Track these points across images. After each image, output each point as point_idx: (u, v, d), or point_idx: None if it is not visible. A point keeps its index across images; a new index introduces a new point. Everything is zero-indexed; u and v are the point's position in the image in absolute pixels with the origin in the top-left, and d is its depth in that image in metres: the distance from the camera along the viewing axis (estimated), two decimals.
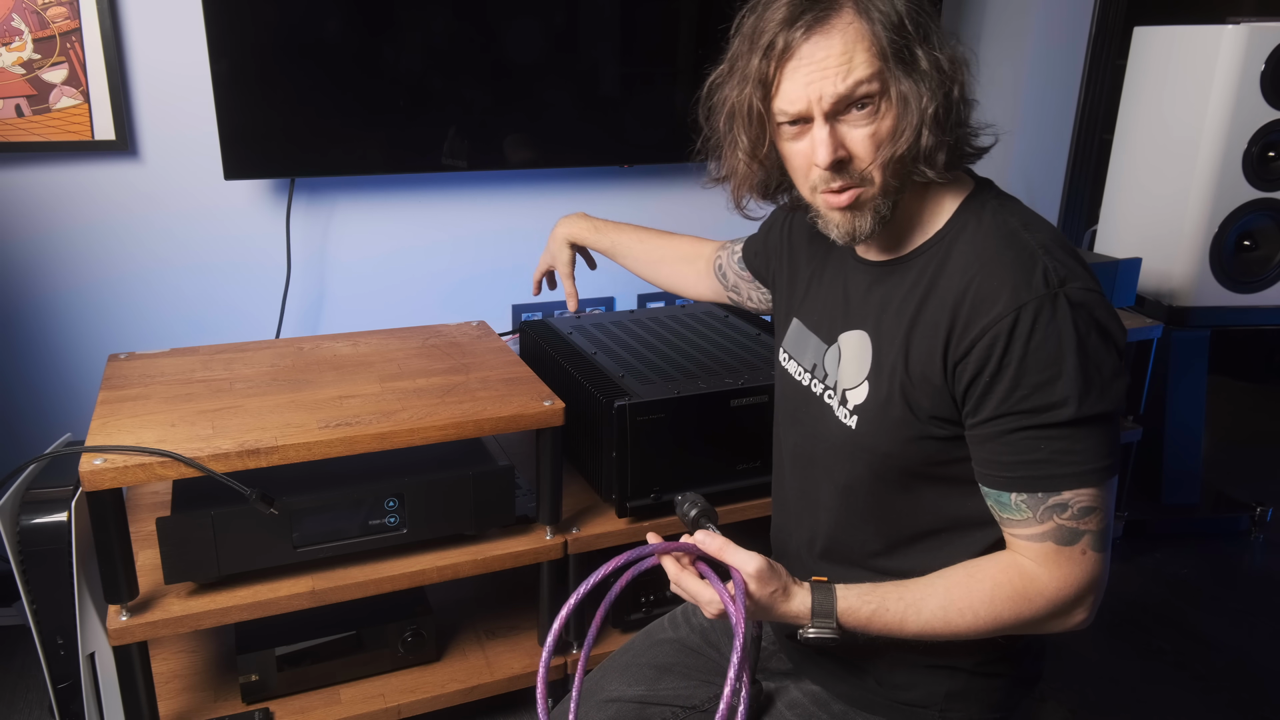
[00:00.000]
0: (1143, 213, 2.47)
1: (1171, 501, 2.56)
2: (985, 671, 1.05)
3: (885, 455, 0.99)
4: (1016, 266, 0.90)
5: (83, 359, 2.04)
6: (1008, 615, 0.93)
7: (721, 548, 0.96)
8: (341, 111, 2.02)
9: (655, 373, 1.73)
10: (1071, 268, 0.90)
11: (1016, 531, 0.94)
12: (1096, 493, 0.90)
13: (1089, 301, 0.89)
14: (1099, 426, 0.89)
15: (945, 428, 0.95)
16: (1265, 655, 2.05)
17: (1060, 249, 0.92)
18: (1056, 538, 0.91)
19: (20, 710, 1.76)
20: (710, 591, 0.94)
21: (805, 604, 0.95)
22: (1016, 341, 0.88)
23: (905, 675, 1.06)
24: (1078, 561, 0.92)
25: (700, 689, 1.17)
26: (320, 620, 1.62)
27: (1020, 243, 0.92)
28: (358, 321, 2.24)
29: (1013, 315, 0.88)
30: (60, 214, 1.95)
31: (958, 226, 0.96)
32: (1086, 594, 0.93)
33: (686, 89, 2.32)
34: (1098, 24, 2.83)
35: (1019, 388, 0.88)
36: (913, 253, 0.99)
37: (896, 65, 0.88)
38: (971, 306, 0.91)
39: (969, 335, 0.90)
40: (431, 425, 1.47)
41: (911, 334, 0.96)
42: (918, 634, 0.95)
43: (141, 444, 1.35)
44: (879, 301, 1.01)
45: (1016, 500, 0.92)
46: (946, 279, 0.94)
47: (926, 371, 0.94)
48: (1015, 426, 0.90)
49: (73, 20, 1.82)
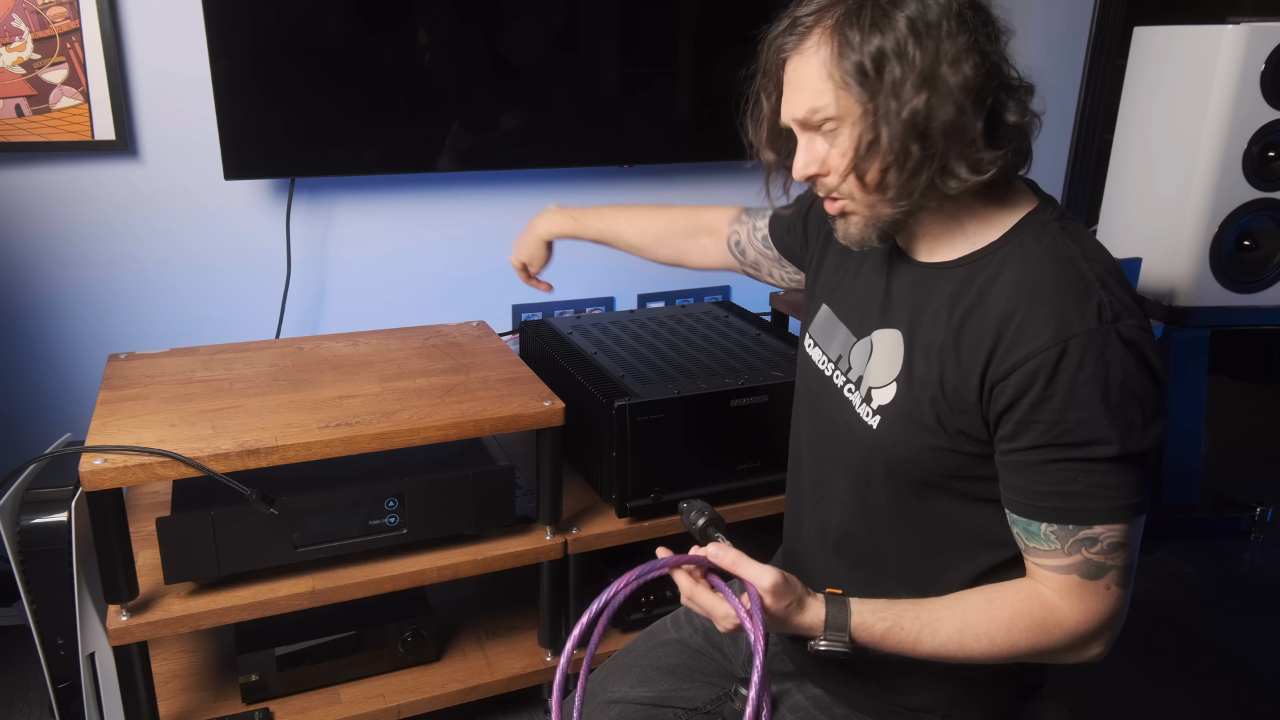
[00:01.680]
0: (1143, 213, 2.47)
1: (1171, 501, 2.56)
2: (989, 678, 1.05)
3: (903, 460, 0.98)
4: (1071, 296, 0.88)
5: (83, 359, 2.04)
6: (1024, 644, 0.92)
7: (735, 562, 0.94)
8: (341, 111, 2.02)
9: (655, 373, 1.73)
10: (1127, 304, 0.88)
11: (1042, 561, 0.92)
12: (1127, 529, 0.89)
13: (1139, 340, 0.87)
14: (1137, 464, 0.88)
15: (972, 445, 0.94)
16: (1265, 655, 2.05)
17: (1117, 283, 0.90)
18: (1083, 571, 0.90)
19: (20, 710, 1.76)
20: (725, 606, 0.93)
21: (819, 616, 0.94)
22: (1063, 374, 0.86)
23: (909, 681, 1.05)
24: (1101, 596, 0.91)
25: (703, 690, 1.17)
26: (320, 620, 1.62)
27: (1077, 272, 0.89)
28: (357, 321, 2.24)
29: (1060, 346, 0.86)
30: (60, 214, 1.95)
31: (1014, 242, 0.94)
32: (1105, 629, 0.92)
33: (686, 89, 2.32)
34: (1098, 24, 2.83)
35: (1063, 421, 0.87)
36: (958, 261, 0.97)
37: (863, 87, 0.87)
38: (1018, 329, 0.89)
39: (1011, 358, 0.88)
40: (431, 425, 1.47)
41: (951, 346, 0.94)
42: (931, 654, 0.94)
43: (141, 444, 1.35)
44: (917, 302, 0.99)
45: (1046, 530, 0.90)
46: (995, 295, 0.92)
47: (962, 387, 0.92)
48: (1054, 458, 0.88)
49: (73, 20, 1.82)
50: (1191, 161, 2.30)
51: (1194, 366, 2.50)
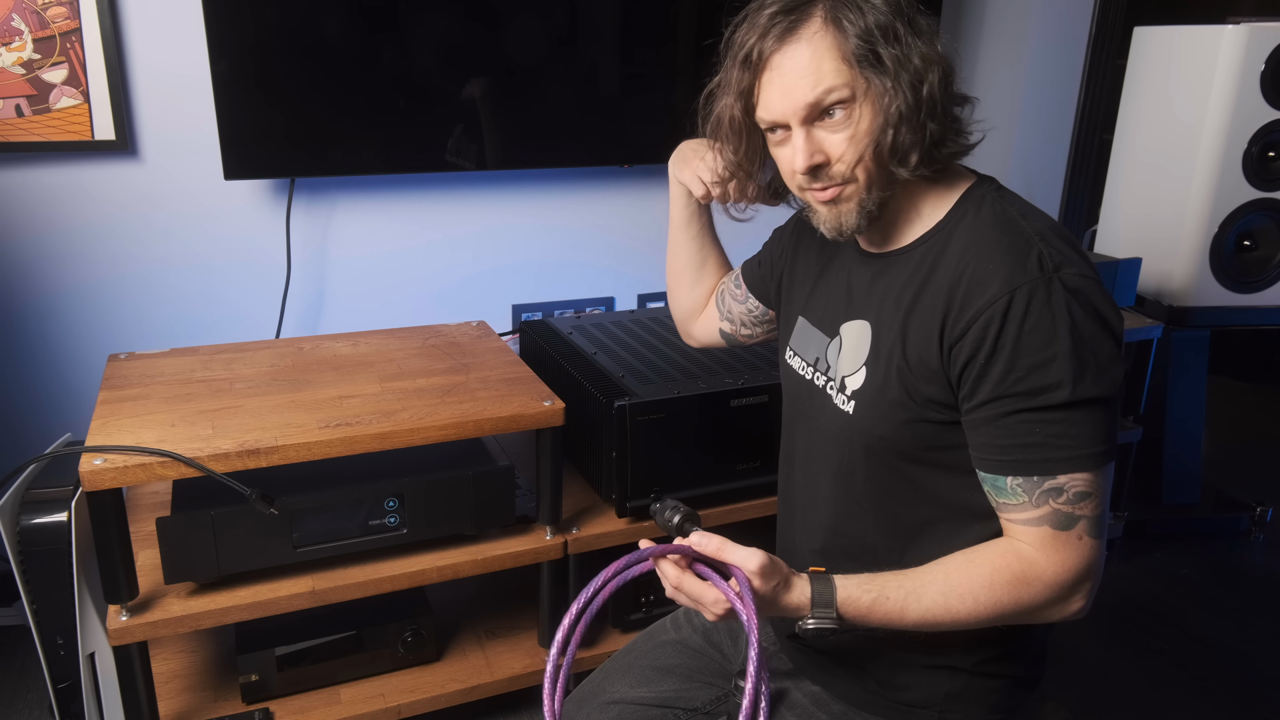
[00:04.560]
0: (1143, 213, 2.47)
1: (1171, 501, 2.56)
2: (985, 672, 1.05)
3: (880, 438, 1.00)
4: (1012, 251, 0.92)
5: (83, 359, 2.04)
6: (1007, 600, 0.93)
7: (720, 547, 0.94)
8: (341, 111, 2.02)
9: (655, 373, 1.73)
10: (1067, 254, 0.92)
11: (1013, 516, 0.94)
12: (1092, 478, 0.91)
13: (1084, 287, 0.90)
14: (1095, 410, 0.89)
15: (942, 412, 0.96)
16: (1265, 655, 2.05)
17: (1057, 237, 0.93)
18: (1053, 522, 0.92)
19: (20, 710, 1.76)
20: (714, 592, 0.93)
21: (805, 594, 0.95)
22: (1010, 324, 0.89)
23: (905, 675, 1.06)
24: (1074, 547, 0.92)
25: (703, 690, 1.17)
26: (320, 620, 1.62)
27: (1017, 229, 0.93)
28: (358, 321, 2.24)
29: (1006, 297, 0.89)
30: (60, 214, 1.95)
31: (956, 218, 0.98)
32: (1084, 580, 0.94)
33: (686, 89, 2.32)
34: (1098, 24, 2.83)
35: (1014, 370, 0.89)
36: (912, 244, 1.01)
37: (865, 69, 0.91)
38: (966, 290, 0.92)
39: (964, 318, 0.92)
40: (431, 425, 1.47)
41: (909, 319, 0.97)
42: (919, 621, 0.94)
43: (141, 444, 1.35)
44: (881, 292, 1.02)
45: (1012, 484, 0.92)
46: (944, 266, 0.96)
47: (923, 355, 0.95)
48: (1010, 409, 0.90)
49: (73, 20, 1.82)
50: (1191, 161, 2.30)
51: (1194, 366, 2.50)
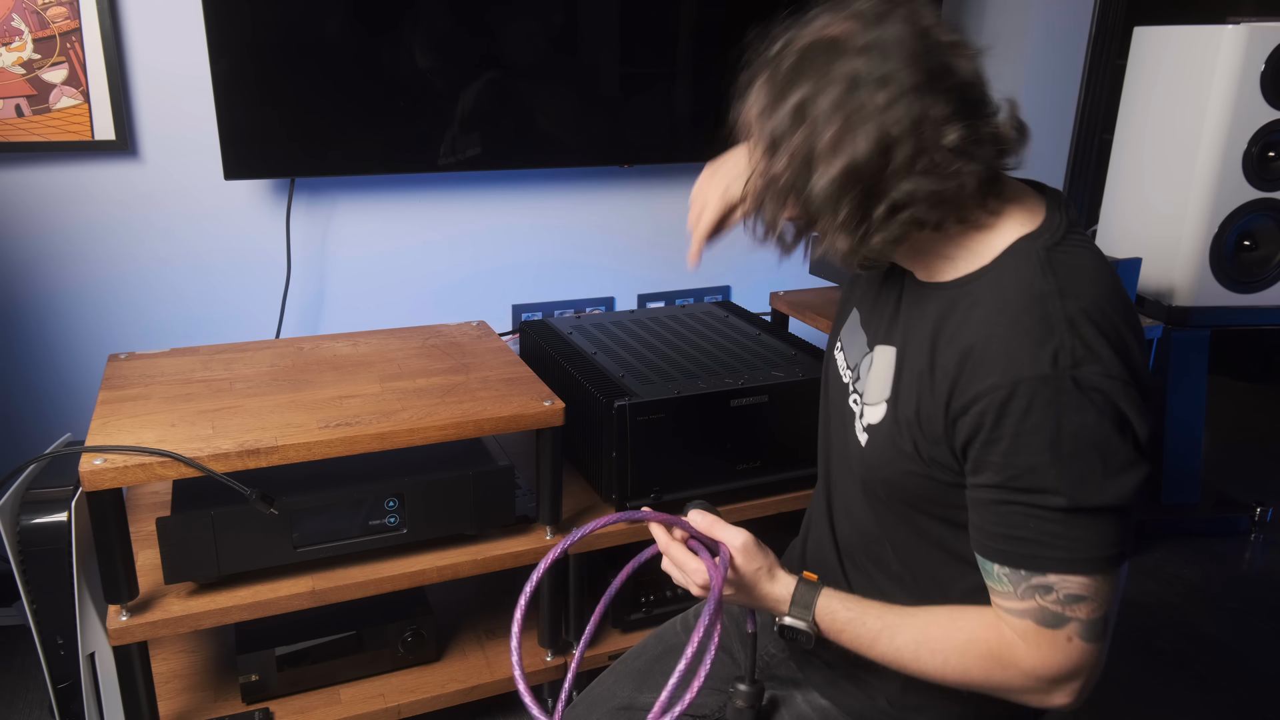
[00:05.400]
0: (1143, 213, 2.47)
1: (1171, 501, 2.56)
2: (999, 698, 1.03)
3: (884, 481, 0.98)
4: (1029, 337, 0.83)
5: (83, 359, 2.04)
6: (977, 673, 0.90)
7: (712, 525, 0.97)
8: (341, 112, 2.02)
9: (655, 373, 1.73)
10: (1096, 349, 0.81)
11: (999, 602, 0.89)
12: (1089, 582, 0.84)
13: (1104, 388, 0.81)
14: (1100, 518, 0.83)
15: (946, 474, 0.92)
16: (1265, 655, 2.05)
17: (1091, 325, 0.82)
18: (1038, 618, 0.86)
19: (20, 710, 1.76)
20: (697, 561, 0.95)
21: (788, 589, 0.96)
22: (1008, 419, 0.82)
23: (917, 696, 1.03)
24: (1061, 648, 0.86)
25: (712, 696, 1.16)
26: (320, 620, 1.62)
27: (1043, 311, 0.83)
28: (358, 321, 2.24)
29: (1008, 389, 0.82)
30: (60, 214, 1.95)
31: (1000, 267, 0.89)
32: (1068, 679, 0.87)
33: (686, 89, 2.32)
34: (1098, 24, 2.83)
35: (1010, 466, 0.84)
36: (951, 283, 0.93)
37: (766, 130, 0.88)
38: (975, 364, 0.86)
39: (967, 395, 0.86)
40: (431, 425, 1.47)
41: (927, 375, 0.92)
42: (884, 658, 0.93)
43: (141, 444, 1.35)
44: (912, 323, 0.97)
45: (999, 572, 0.88)
46: (967, 326, 0.89)
47: (933, 417, 0.91)
48: (1005, 499, 0.85)
49: (73, 20, 1.82)
50: (1191, 161, 2.30)
51: (1194, 366, 2.50)
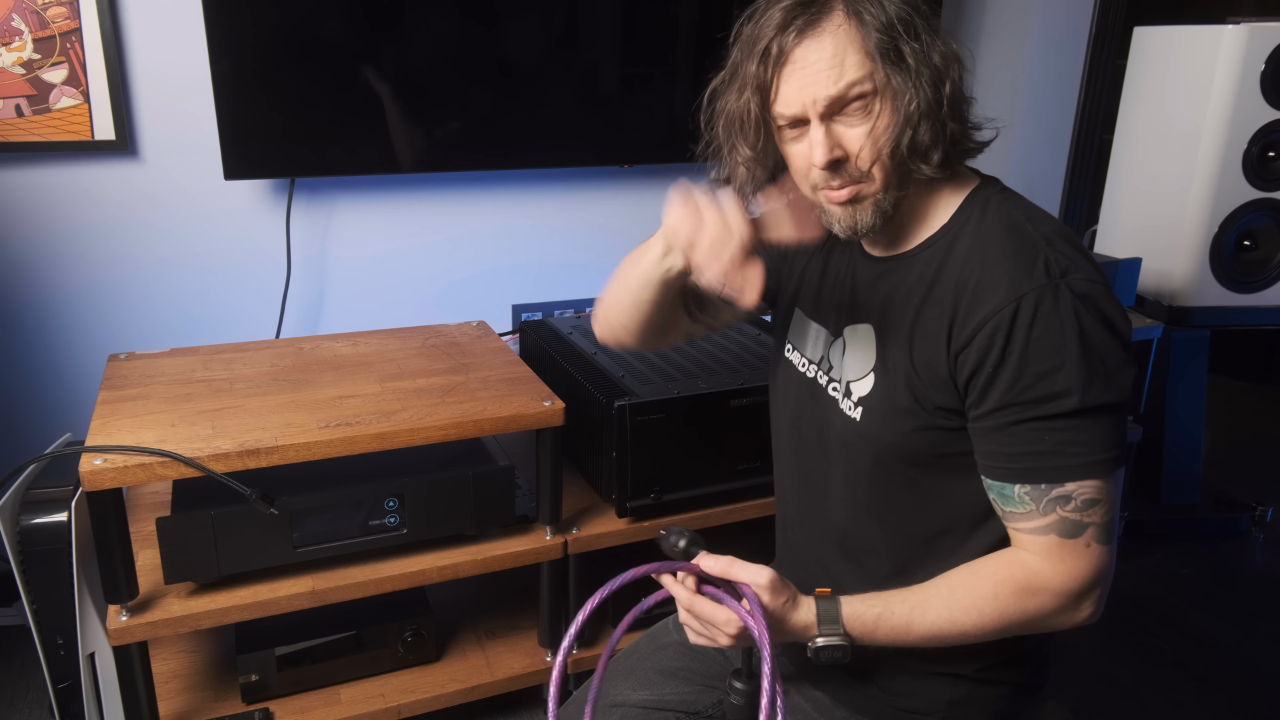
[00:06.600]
0: (1143, 213, 2.47)
1: (1171, 501, 2.56)
2: (988, 679, 1.04)
3: (890, 446, 0.99)
4: (1018, 257, 0.91)
5: (83, 359, 2.04)
6: (1013, 611, 0.92)
7: (727, 566, 0.93)
8: (341, 111, 2.02)
9: (655, 373, 1.73)
10: (1075, 259, 0.90)
11: (1019, 525, 0.93)
12: (1101, 484, 0.90)
13: (1091, 292, 0.89)
14: (1104, 417, 0.89)
15: (950, 419, 0.95)
16: (1265, 655, 2.05)
17: (1064, 242, 0.92)
18: (1060, 530, 0.91)
19: (20, 710, 1.76)
20: (726, 611, 0.92)
21: (812, 612, 0.94)
22: (1018, 331, 0.88)
23: (908, 682, 1.05)
24: (1082, 554, 0.91)
25: (704, 694, 1.16)
26: (320, 620, 1.62)
27: (1023, 234, 0.92)
28: (358, 321, 2.24)
29: (1013, 305, 0.88)
30: (60, 214, 1.95)
31: (961, 220, 0.97)
32: (1093, 587, 0.93)
33: (686, 89, 2.32)
34: (1098, 24, 2.83)
35: (1022, 378, 0.88)
36: (918, 248, 1.00)
37: (887, 64, 0.90)
38: (973, 296, 0.91)
39: (970, 324, 0.91)
40: (431, 425, 1.47)
41: (915, 325, 0.97)
42: (925, 636, 0.94)
43: (141, 444, 1.35)
44: (884, 296, 1.01)
45: (1020, 492, 0.92)
46: (950, 270, 0.95)
47: (931, 361, 0.95)
48: (1019, 418, 0.90)
49: (73, 20, 1.82)
50: (1191, 162, 2.30)
51: (1194, 366, 2.50)
